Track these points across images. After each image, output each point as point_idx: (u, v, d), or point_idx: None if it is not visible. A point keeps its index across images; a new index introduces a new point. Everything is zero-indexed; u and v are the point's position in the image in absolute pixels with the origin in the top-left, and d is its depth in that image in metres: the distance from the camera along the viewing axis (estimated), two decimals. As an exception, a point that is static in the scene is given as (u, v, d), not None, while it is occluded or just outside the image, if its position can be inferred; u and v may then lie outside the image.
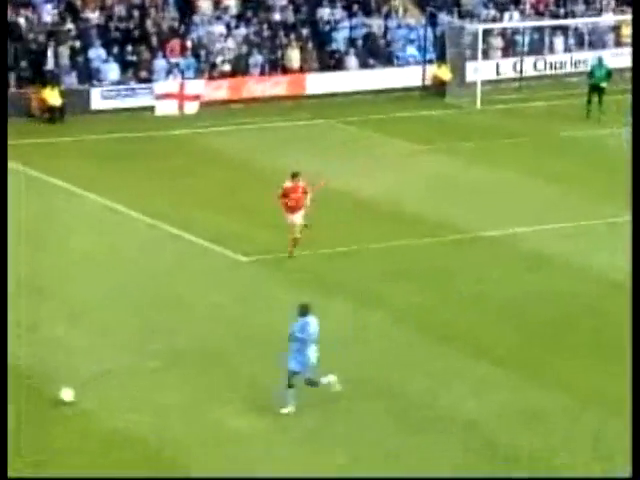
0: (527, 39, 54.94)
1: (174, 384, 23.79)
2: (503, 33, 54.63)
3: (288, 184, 31.55)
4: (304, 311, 22.62)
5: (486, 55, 52.41)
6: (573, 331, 26.75)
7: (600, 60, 48.56)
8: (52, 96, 46.78)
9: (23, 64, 48.19)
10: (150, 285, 29.36)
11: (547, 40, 55.59)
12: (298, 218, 31.36)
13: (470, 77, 51.57)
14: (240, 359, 25.08)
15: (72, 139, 44.21)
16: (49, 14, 50.65)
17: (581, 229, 33.67)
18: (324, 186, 32.09)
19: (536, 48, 55.13)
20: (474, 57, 51.36)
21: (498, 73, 53.44)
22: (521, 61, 54.38)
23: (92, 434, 21.53)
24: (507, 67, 54.22)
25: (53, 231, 33.17)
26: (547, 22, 55.86)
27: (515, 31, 55.02)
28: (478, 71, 50.67)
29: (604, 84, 47.03)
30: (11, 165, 40.51)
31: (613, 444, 21.30)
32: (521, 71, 54.18)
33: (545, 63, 55.02)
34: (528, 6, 57.29)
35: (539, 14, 56.87)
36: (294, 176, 31.60)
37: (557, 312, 27.79)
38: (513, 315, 27.64)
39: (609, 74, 47.72)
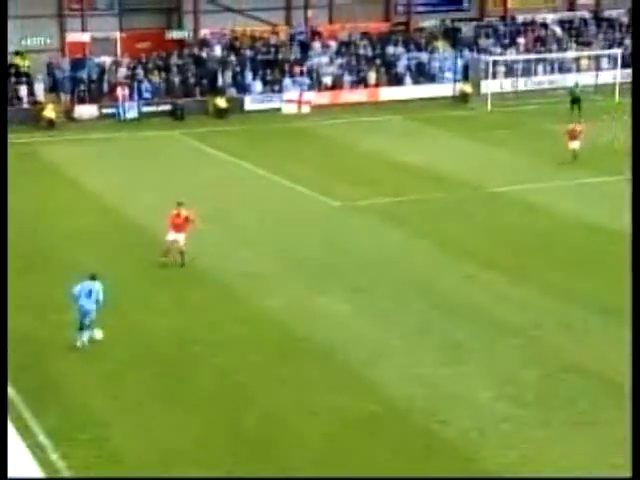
0: (520, 66, 53.53)
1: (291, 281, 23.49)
2: (505, 63, 53.30)
3: (173, 212, 23.91)
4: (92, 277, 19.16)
5: (494, 76, 51.06)
6: (547, 249, 25.98)
7: (576, 83, 47.32)
8: (221, 101, 46.60)
9: (204, 81, 48.06)
10: (280, 216, 29.11)
11: (533, 67, 54.14)
12: (181, 237, 23.83)
13: (484, 90, 50.34)
14: (338, 265, 24.69)
15: (232, 128, 43.91)
16: (219, 50, 50.54)
17: (555, 187, 32.56)
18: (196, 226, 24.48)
19: (526, 72, 53.68)
20: (486, 78, 50.19)
21: (502, 88, 52.05)
22: (516, 81, 53.03)
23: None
24: (507, 84, 52.82)
25: (219, 185, 33.09)
26: (533, 56, 54.39)
27: (513, 61, 53.65)
28: (489, 87, 49.50)
29: (580, 97, 45.69)
30: (195, 144, 40.71)
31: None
32: (516, 87, 52.85)
33: (531, 82, 53.58)
34: (521, 46, 55.95)
35: (528, 51, 55.47)
36: (179, 204, 23.95)
37: (534, 237, 27.03)
38: (508, 237, 26.91)
39: (580, 91, 46.41)
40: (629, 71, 54.43)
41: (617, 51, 53.38)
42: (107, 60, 47.57)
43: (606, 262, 23.10)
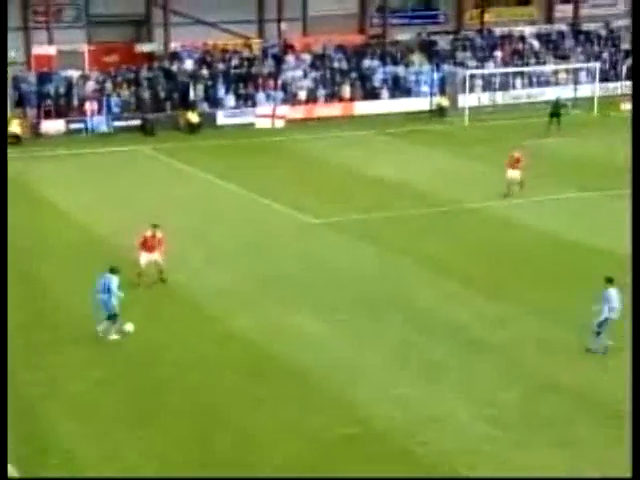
0: (498, 80, 53.99)
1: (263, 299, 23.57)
2: (483, 76, 53.73)
3: (148, 234, 24.06)
4: (113, 270, 20.57)
5: (471, 90, 51.47)
6: (526, 265, 26.19)
7: (558, 98, 47.64)
8: (192, 116, 46.67)
9: (175, 96, 48.11)
10: (254, 233, 29.12)
11: (511, 81, 54.62)
12: (157, 256, 24.10)
13: (461, 104, 50.70)
14: (314, 283, 24.77)
15: (204, 143, 43.98)
16: (191, 64, 50.64)
17: (534, 203, 32.80)
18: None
19: (503, 86, 54.13)
20: (463, 91, 50.55)
21: (479, 102, 52.49)
22: (494, 94, 53.46)
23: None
24: (485, 98, 53.26)
25: (191, 201, 33.09)
26: (511, 69, 54.86)
27: (490, 75, 54.07)
28: (466, 101, 49.87)
29: (561, 111, 46.05)
30: (165, 159, 40.70)
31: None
32: (494, 101, 53.27)
33: (509, 96, 54.03)
34: (499, 59, 56.45)
35: (505, 64, 55.97)
36: (154, 227, 24.16)
37: (513, 253, 27.24)
38: (486, 254, 27.14)
39: (564, 106, 46.79)
40: (608, 85, 55.32)
41: (595, 65, 54.00)
42: (74, 74, 47.52)
43: (584, 279, 23.28)
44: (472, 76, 51.66)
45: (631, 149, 26.82)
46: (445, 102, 51.27)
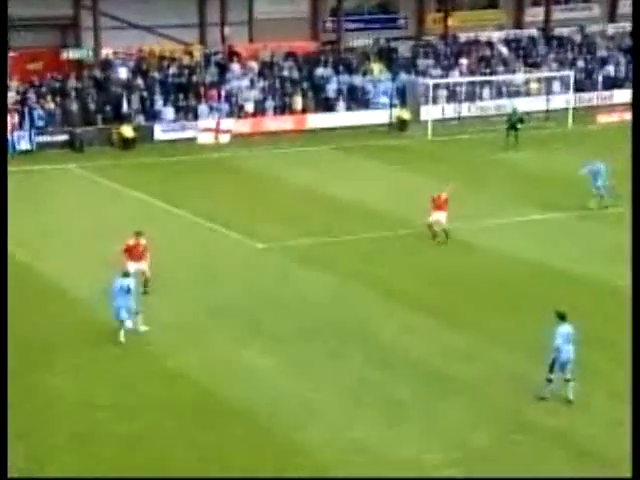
0: (464, 90, 54.70)
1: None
2: (447, 86, 54.41)
3: (131, 242, 25.63)
4: (125, 274, 23.35)
5: (435, 101, 52.11)
6: (491, 292, 26.54)
7: (515, 109, 48.22)
8: (127, 130, 46.66)
9: (107, 108, 48.06)
10: (197, 259, 29.14)
11: (478, 91, 55.40)
12: (143, 265, 25.59)
13: (423, 117, 51.29)
14: (262, 314, 24.89)
15: (140, 161, 43.99)
16: (125, 72, 50.68)
17: (498, 225, 33.27)
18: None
19: (470, 96, 54.88)
20: (426, 103, 51.18)
21: (443, 114, 53.15)
22: (459, 106, 54.16)
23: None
24: (449, 110, 53.94)
25: (124, 226, 32.93)
26: (478, 78, 55.64)
27: (455, 84, 54.79)
28: (429, 113, 50.41)
29: (518, 125, 46.71)
30: (97, 179, 40.59)
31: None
32: (459, 113, 53.97)
33: (476, 107, 54.78)
34: (464, 67, 57.21)
35: (472, 73, 56.73)
36: (137, 234, 25.79)
37: (476, 279, 27.57)
38: (447, 281, 27.43)
39: (521, 119, 47.35)
40: (583, 95, 56.26)
41: (569, 73, 54.90)
42: (-7, 83, 47.26)
43: (552, 305, 23.57)
44: (435, 86, 52.28)
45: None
46: (406, 114, 51.74)
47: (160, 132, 48.19)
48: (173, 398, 20.00)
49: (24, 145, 45.45)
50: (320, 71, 54.10)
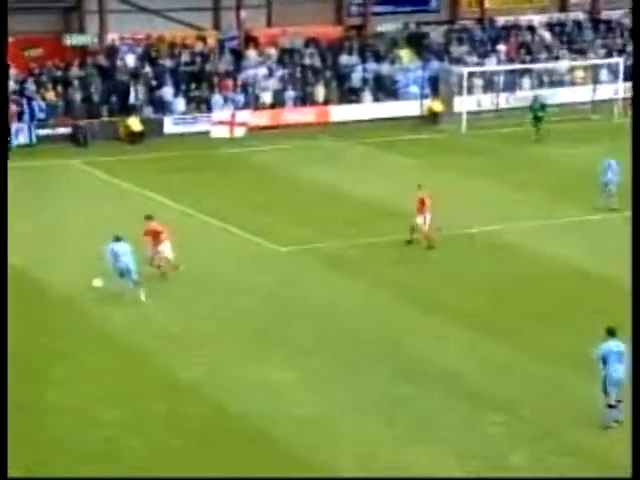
0: (501, 79, 54.68)
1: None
2: (483, 75, 54.36)
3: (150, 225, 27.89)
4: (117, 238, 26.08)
5: (469, 91, 52.04)
6: (533, 300, 26.43)
7: (536, 97, 48.60)
8: (134, 123, 46.87)
9: (113, 99, 48.26)
10: (209, 263, 29.20)
11: (517, 80, 55.34)
12: (166, 247, 27.69)
13: (457, 108, 51.25)
14: (282, 323, 24.85)
15: (148, 157, 44.13)
16: (132, 60, 50.86)
17: (540, 226, 33.22)
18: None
19: (508, 86, 54.82)
20: (460, 93, 51.13)
21: (479, 106, 53.10)
22: (497, 96, 54.15)
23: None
24: (486, 101, 53.93)
25: (131, 227, 33.04)
26: (517, 66, 55.60)
27: (492, 73, 54.75)
28: (463, 104, 50.40)
29: (539, 114, 46.89)
30: (102, 175, 40.77)
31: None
32: (497, 104, 53.93)
33: (515, 98, 54.67)
34: (502, 54, 57.16)
35: (511, 60, 56.66)
36: (149, 218, 28.10)
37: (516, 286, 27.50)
38: (484, 288, 27.36)
39: (543, 106, 47.47)
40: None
41: (618, 60, 54.68)
42: (-11, 72, 47.57)
43: (600, 316, 23.44)
44: (470, 74, 52.20)
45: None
46: (438, 106, 51.75)
47: (170, 125, 48.37)
48: (177, 415, 20.00)
49: (23, 139, 45.75)
50: (344, 59, 54.13)
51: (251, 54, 53.24)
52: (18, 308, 24.96)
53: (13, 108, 45.82)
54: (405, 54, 55.41)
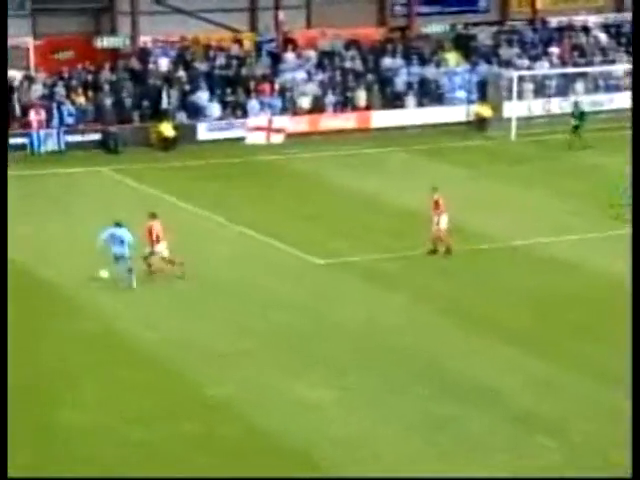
0: (554, 83, 54.61)
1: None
2: (534, 79, 54.23)
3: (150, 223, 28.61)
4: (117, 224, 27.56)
5: (520, 96, 51.93)
6: (583, 318, 26.32)
7: (576, 102, 48.80)
8: (167, 129, 47.13)
9: (145, 103, 48.57)
10: (244, 276, 29.29)
11: (570, 84, 55.18)
12: (163, 248, 28.60)
13: (506, 114, 51.14)
14: (320, 340, 24.90)
15: (181, 164, 44.37)
16: (165, 63, 51.19)
17: (595, 239, 33.08)
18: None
19: (561, 91, 54.73)
20: (510, 98, 51.03)
21: (530, 111, 52.97)
22: (549, 101, 54.07)
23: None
24: (537, 106, 53.81)
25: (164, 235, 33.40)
26: (570, 70, 55.45)
27: (544, 77, 54.66)
28: (513, 110, 50.33)
29: (574, 122, 47.08)
30: (132, 183, 41.02)
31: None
32: (549, 110, 53.85)
33: (568, 103, 54.32)
34: (555, 57, 57.01)
35: (564, 63, 56.51)
36: (152, 216, 28.81)
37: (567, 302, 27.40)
38: (534, 303, 27.27)
39: (582, 113, 47.55)
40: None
41: (678, 63, 54.35)
42: (17, 75, 48.01)
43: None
44: (521, 78, 52.13)
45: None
46: (486, 111, 51.72)
47: (204, 131, 48.60)
48: (209, 434, 20.04)
49: (51, 145, 46.09)
50: (387, 62, 54.20)
51: (289, 57, 53.42)
52: (43, 317, 25.19)
53: (41, 113, 46.23)
54: (451, 57, 55.38)
